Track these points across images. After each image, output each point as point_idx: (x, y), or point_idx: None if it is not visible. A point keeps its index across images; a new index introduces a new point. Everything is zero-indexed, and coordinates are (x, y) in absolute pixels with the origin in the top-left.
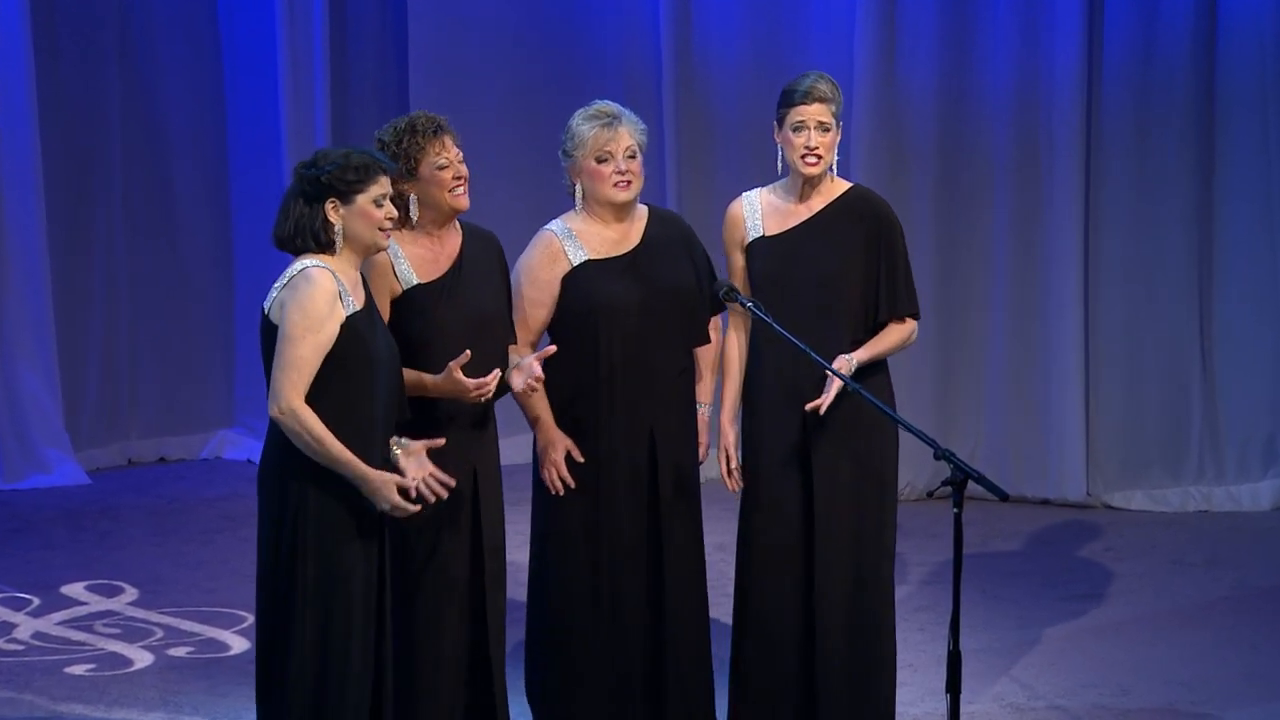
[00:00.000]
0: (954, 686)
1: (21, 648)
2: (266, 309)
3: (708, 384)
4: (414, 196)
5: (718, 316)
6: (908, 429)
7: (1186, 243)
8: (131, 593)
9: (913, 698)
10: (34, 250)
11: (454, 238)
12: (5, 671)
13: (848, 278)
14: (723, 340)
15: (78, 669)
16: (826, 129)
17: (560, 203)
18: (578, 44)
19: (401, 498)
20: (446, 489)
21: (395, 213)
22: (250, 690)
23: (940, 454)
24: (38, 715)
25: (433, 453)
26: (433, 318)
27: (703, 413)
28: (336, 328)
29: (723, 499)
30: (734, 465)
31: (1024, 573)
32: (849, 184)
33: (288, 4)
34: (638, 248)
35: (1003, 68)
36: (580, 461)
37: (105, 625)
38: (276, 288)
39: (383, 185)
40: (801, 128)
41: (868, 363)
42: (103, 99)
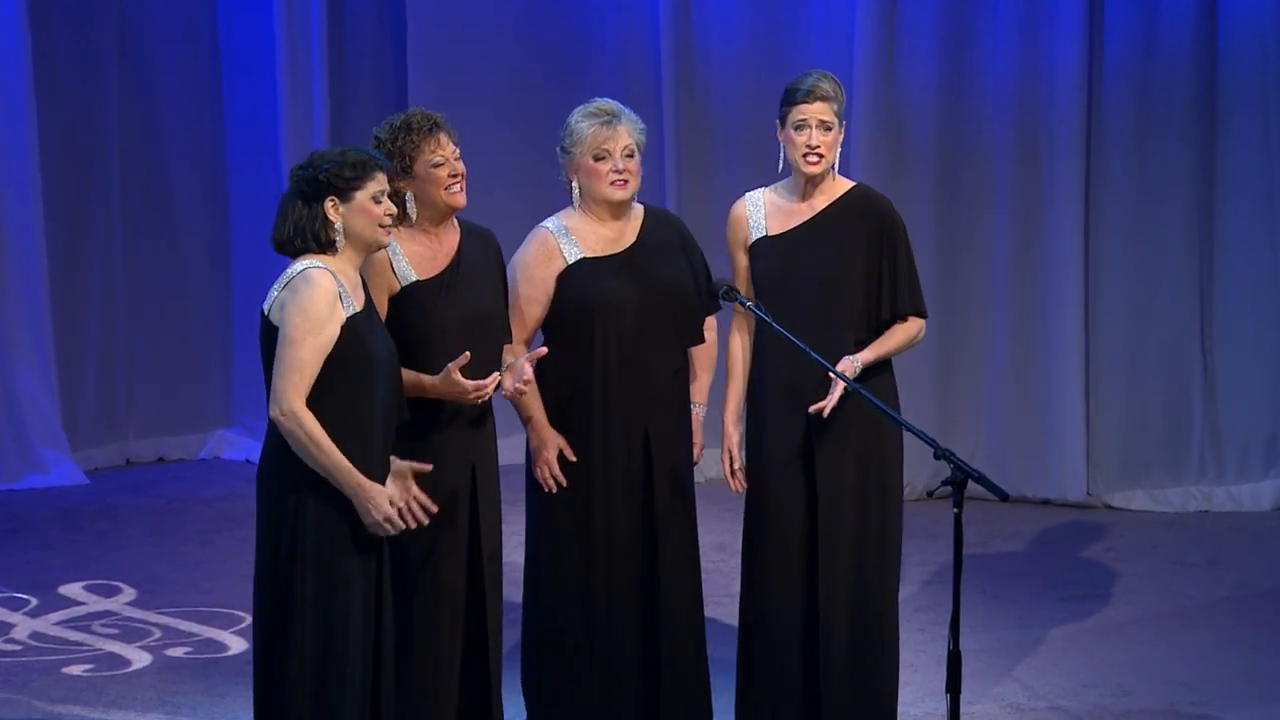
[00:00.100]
0: (954, 687)
1: (19, 648)
2: (266, 310)
3: (703, 384)
4: (410, 194)
5: (713, 316)
6: (908, 429)
7: (1187, 242)
8: (129, 593)
9: (913, 698)
10: (32, 250)
11: (452, 235)
12: (3, 672)
13: (850, 277)
14: (726, 340)
15: (75, 669)
16: (828, 128)
17: (559, 201)
18: (577, 43)
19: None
20: (428, 514)
21: (395, 209)
22: (248, 690)
23: (940, 454)
24: (35, 716)
25: (432, 450)
26: (431, 315)
27: (698, 413)
28: (337, 329)
29: (723, 499)
30: (737, 465)
31: (1024, 573)
32: (852, 183)
33: (286, 3)
34: (634, 246)
35: (1003, 67)
36: (573, 461)
37: (103, 625)
38: (276, 289)
39: (380, 182)
40: (803, 126)
41: (873, 363)
42: (101, 98)
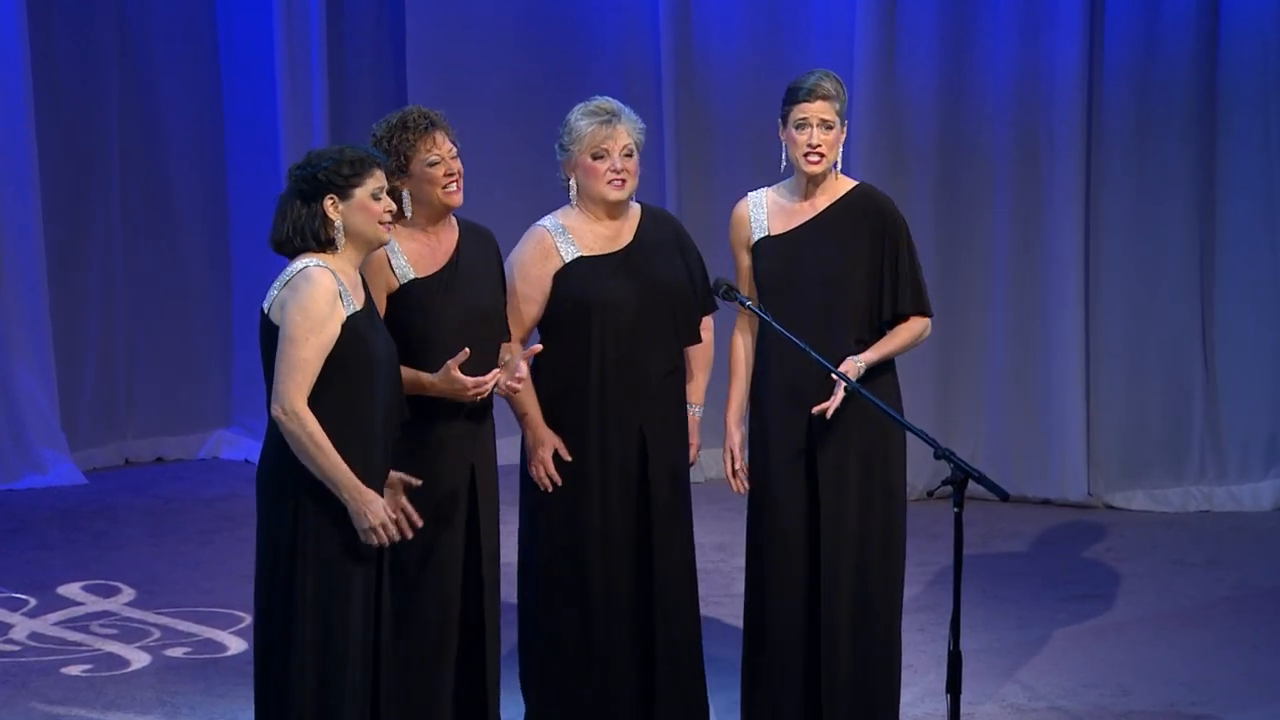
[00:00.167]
0: (954, 687)
1: (18, 648)
2: (266, 309)
3: (699, 384)
4: (406, 193)
5: (709, 316)
6: (908, 429)
7: (1187, 242)
8: (128, 593)
9: (913, 698)
10: (31, 249)
11: (450, 233)
12: (1, 672)
13: (852, 276)
14: (729, 340)
15: (74, 669)
16: (829, 127)
17: (558, 201)
18: (577, 42)
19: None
20: (426, 515)
21: (394, 205)
22: (247, 691)
23: (941, 453)
24: (34, 716)
25: (431, 449)
26: (431, 313)
27: (694, 414)
28: (338, 328)
29: (723, 499)
30: (738, 465)
31: (1025, 573)
32: (854, 182)
33: (285, 3)
34: (630, 245)
35: (1003, 67)
36: (568, 460)
37: (102, 626)
38: (276, 287)
39: (379, 179)
40: (804, 125)
41: (877, 363)
42: (101, 98)
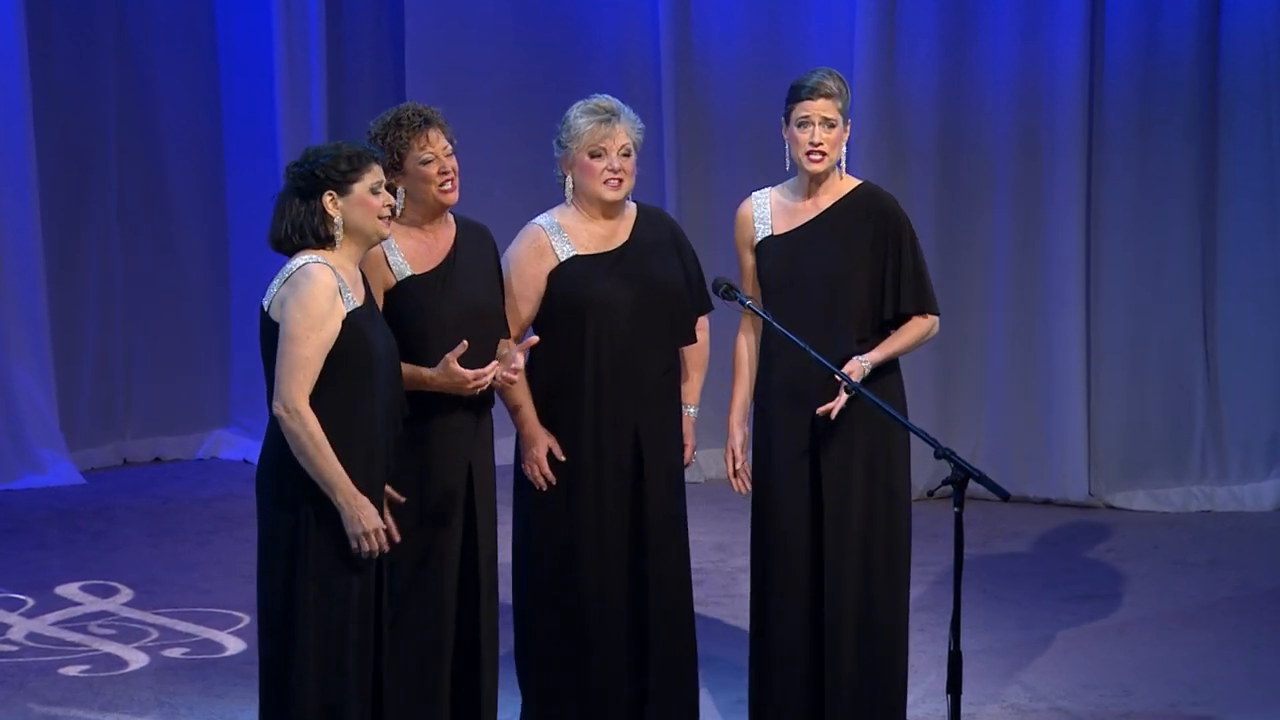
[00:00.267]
0: (955, 687)
1: (16, 649)
2: (266, 307)
3: (694, 384)
4: (401, 190)
5: (705, 316)
6: (909, 429)
7: (1189, 241)
8: (126, 593)
9: (914, 698)
10: (29, 248)
11: (447, 231)
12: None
13: (855, 275)
14: (733, 341)
15: (72, 670)
16: (832, 125)
17: (558, 200)
18: (576, 42)
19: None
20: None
21: (393, 200)
22: (245, 691)
23: (941, 453)
24: (32, 717)
25: (429, 448)
26: (428, 309)
27: (689, 415)
28: (338, 325)
29: (723, 499)
30: (740, 466)
31: (1025, 573)
32: (858, 181)
33: (284, 2)
34: (626, 244)
35: (1003, 66)
36: (562, 460)
37: (100, 626)
38: (275, 285)
39: (376, 173)
40: (806, 123)
41: (882, 363)
42: (98, 96)
